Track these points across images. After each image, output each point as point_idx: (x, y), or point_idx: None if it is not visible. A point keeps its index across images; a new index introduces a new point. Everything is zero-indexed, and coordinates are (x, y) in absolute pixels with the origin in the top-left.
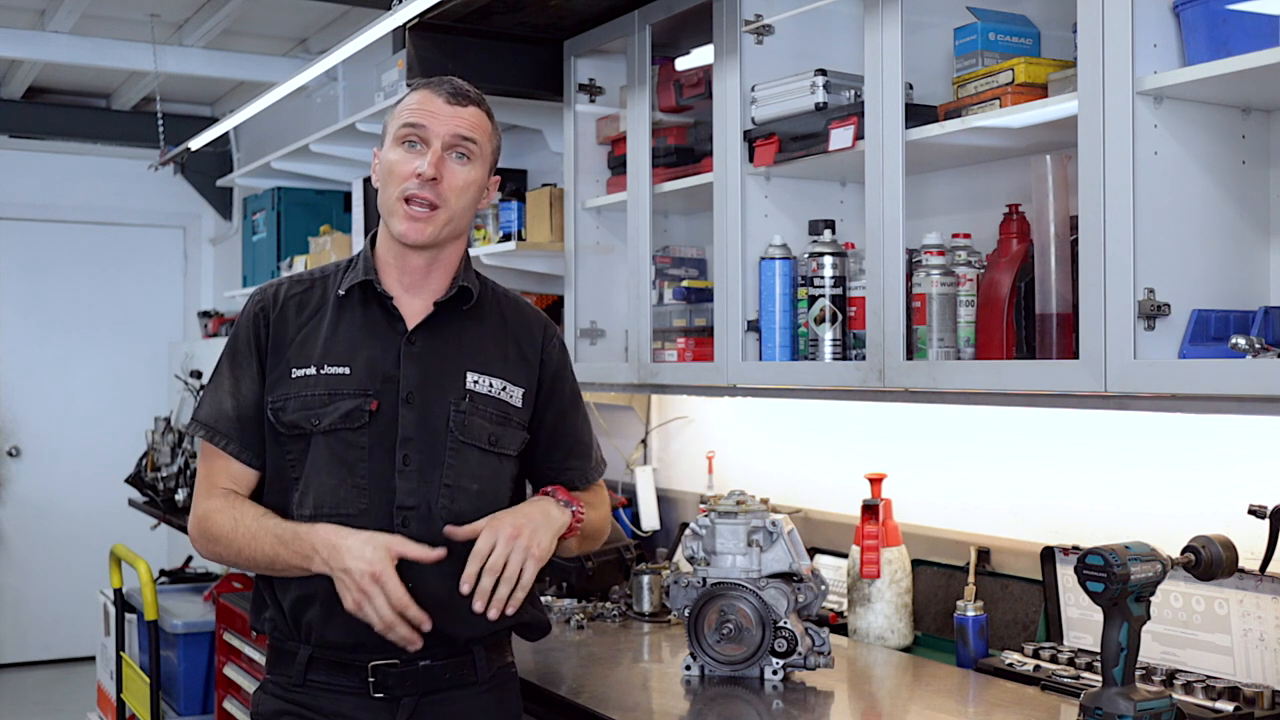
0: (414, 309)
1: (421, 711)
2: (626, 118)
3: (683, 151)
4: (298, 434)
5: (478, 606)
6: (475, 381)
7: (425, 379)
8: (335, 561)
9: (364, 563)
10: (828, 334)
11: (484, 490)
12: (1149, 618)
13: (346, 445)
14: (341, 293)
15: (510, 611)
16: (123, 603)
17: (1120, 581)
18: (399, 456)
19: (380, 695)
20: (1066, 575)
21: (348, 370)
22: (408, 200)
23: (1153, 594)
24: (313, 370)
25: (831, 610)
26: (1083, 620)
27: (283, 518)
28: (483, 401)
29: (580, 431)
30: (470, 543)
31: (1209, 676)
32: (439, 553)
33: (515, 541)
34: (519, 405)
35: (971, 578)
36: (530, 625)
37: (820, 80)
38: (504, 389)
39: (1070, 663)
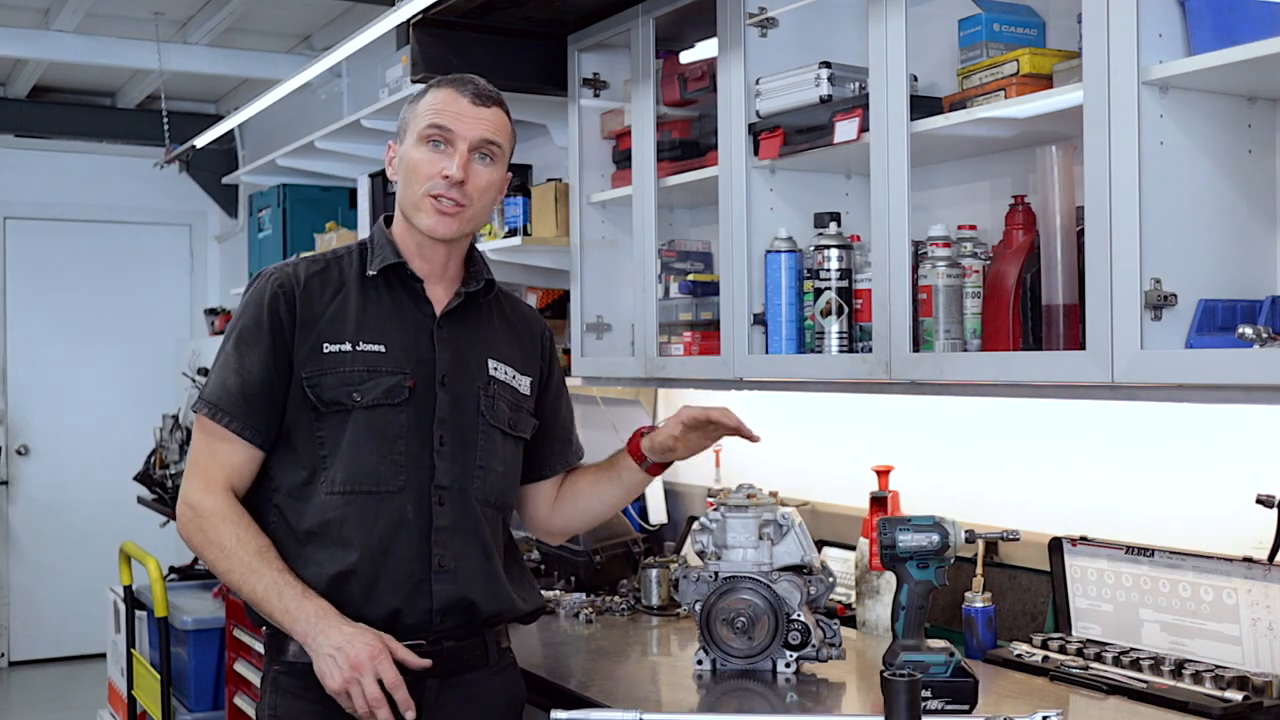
0: (436, 295)
1: (444, 693)
2: (631, 112)
3: (687, 145)
4: (337, 409)
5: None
6: (495, 369)
7: (457, 363)
8: (329, 639)
9: (366, 646)
10: (834, 326)
11: (507, 472)
12: (941, 584)
13: (386, 421)
14: (373, 273)
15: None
16: (133, 600)
17: (888, 547)
18: (436, 436)
19: (405, 677)
20: (1074, 566)
21: (383, 348)
22: (434, 197)
23: (941, 563)
24: (347, 346)
25: (839, 602)
26: (1091, 610)
27: (302, 495)
28: (502, 388)
29: (565, 420)
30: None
31: (1218, 666)
32: (425, 662)
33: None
34: (527, 393)
35: (979, 569)
36: (533, 612)
37: (825, 73)
38: (514, 377)
39: (1079, 653)
